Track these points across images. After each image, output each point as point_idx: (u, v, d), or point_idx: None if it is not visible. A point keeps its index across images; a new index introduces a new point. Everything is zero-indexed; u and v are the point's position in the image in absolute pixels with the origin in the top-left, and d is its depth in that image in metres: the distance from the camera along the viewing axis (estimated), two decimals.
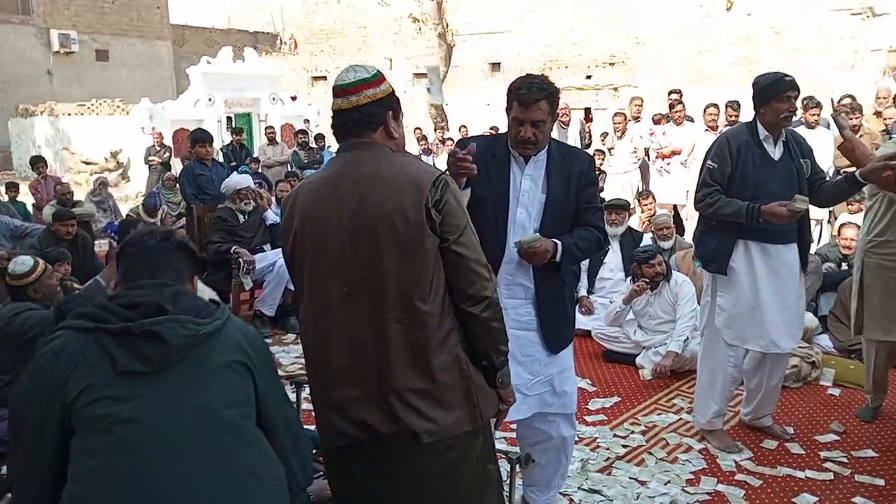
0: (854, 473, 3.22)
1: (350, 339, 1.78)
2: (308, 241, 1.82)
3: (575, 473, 3.21)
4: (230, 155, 10.37)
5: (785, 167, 3.20)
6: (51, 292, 3.48)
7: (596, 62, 16.59)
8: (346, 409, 1.80)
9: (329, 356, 1.81)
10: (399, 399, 1.76)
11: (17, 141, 17.24)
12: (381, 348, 1.76)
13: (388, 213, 1.73)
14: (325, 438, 1.88)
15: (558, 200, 2.49)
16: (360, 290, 1.77)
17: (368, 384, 1.78)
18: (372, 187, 1.76)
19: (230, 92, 14.92)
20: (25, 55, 20.36)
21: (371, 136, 1.83)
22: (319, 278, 1.81)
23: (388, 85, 1.88)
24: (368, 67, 1.88)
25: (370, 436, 1.78)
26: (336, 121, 1.86)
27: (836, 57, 14.14)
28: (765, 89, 3.18)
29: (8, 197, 8.62)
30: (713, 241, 3.30)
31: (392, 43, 19.26)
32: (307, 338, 1.89)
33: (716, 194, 3.21)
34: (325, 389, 1.85)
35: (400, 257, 1.73)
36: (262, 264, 5.39)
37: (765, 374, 3.50)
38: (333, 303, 1.79)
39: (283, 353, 5.01)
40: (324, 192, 1.82)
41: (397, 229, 1.73)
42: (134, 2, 22.97)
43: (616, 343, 4.79)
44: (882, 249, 3.40)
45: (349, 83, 1.82)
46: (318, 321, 1.83)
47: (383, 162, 1.81)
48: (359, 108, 1.81)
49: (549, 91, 2.40)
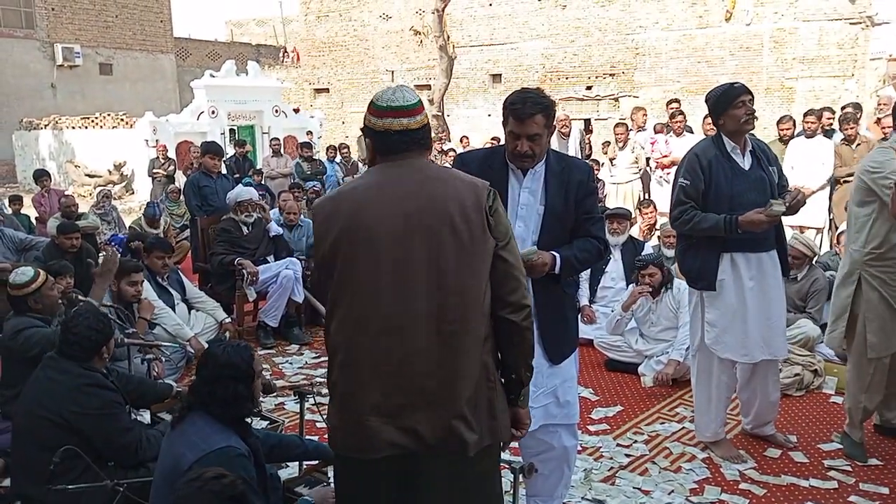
0: (858, 482, 3.22)
1: (402, 343, 1.75)
2: (357, 245, 1.77)
3: (578, 483, 3.21)
4: (234, 167, 10.41)
5: (756, 176, 3.21)
6: (51, 304, 3.50)
7: (596, 73, 16.66)
8: (393, 418, 1.75)
9: (375, 361, 1.76)
10: (452, 407, 1.74)
11: (21, 154, 17.31)
12: (435, 353, 1.74)
13: (452, 213, 1.76)
14: (359, 449, 1.80)
15: (557, 212, 2.50)
16: (416, 293, 1.74)
17: (420, 391, 1.74)
18: (436, 187, 1.79)
19: (233, 104, 15.00)
20: (29, 69, 20.50)
21: (424, 154, 1.88)
22: (368, 280, 1.76)
23: None
24: (409, 89, 1.92)
25: (419, 446, 1.75)
26: (399, 139, 1.83)
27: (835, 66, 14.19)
28: (718, 100, 3.22)
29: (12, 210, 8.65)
30: (697, 259, 3.29)
31: (393, 55, 19.37)
32: (346, 341, 1.81)
33: (691, 211, 3.20)
34: (364, 396, 1.78)
35: (461, 258, 1.75)
36: (266, 275, 5.42)
37: (758, 385, 3.49)
38: (384, 306, 1.75)
39: (287, 364, 5.02)
40: (377, 195, 1.80)
41: (460, 228, 1.75)
42: (137, 15, 23.15)
43: (618, 352, 4.79)
44: (881, 262, 3.23)
45: (412, 104, 1.84)
46: (361, 326, 1.77)
47: (434, 168, 1.87)
48: (424, 126, 1.86)
49: (545, 105, 2.42)
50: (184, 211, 8.16)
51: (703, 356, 3.44)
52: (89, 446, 2.57)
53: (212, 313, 5.17)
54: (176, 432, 2.22)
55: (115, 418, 2.69)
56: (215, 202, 6.11)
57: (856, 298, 3.34)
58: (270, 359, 5.13)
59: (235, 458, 2.11)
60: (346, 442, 1.84)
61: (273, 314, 5.44)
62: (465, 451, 1.75)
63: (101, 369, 2.78)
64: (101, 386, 2.71)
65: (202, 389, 2.22)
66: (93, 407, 2.63)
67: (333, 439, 1.89)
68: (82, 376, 2.67)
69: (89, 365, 2.72)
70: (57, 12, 21.11)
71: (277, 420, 3.24)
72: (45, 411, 2.61)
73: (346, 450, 1.84)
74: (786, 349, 3.47)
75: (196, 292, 5.29)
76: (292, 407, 4.10)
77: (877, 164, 3.19)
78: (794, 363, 4.27)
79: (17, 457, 2.75)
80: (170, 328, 4.51)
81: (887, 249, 3.20)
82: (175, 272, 5.20)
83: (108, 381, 2.78)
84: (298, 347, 5.38)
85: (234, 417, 2.24)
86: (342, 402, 1.83)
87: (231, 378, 2.21)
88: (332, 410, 1.87)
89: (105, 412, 2.66)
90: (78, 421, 2.61)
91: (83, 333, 2.68)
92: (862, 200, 3.28)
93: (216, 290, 5.48)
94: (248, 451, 2.21)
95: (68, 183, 15.41)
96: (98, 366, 2.76)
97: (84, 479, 2.45)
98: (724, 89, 3.23)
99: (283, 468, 3.15)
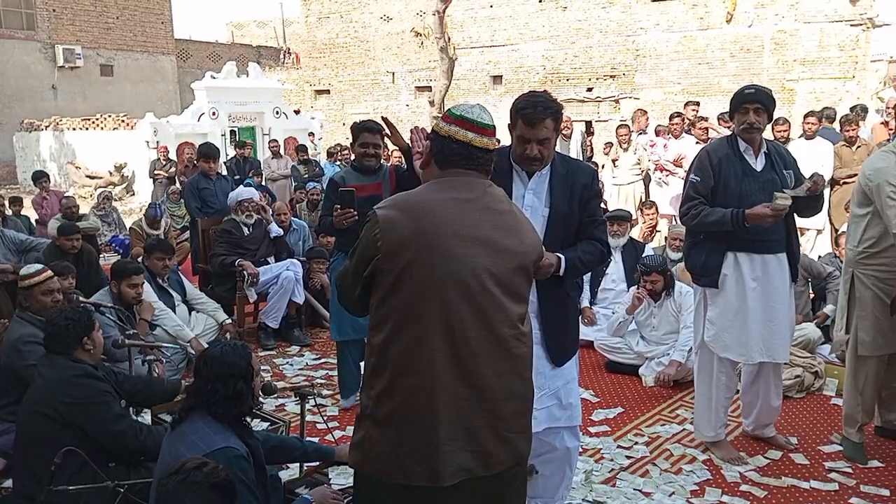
0: (859, 484, 3.22)
1: (483, 365, 1.74)
2: (424, 264, 1.73)
3: (579, 485, 3.21)
4: (234, 168, 10.41)
5: (767, 178, 3.22)
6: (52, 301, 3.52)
7: (597, 74, 16.66)
8: (470, 441, 1.73)
9: (451, 384, 1.72)
10: (521, 422, 1.82)
11: (22, 155, 17.32)
12: (512, 373, 1.79)
13: (517, 243, 1.83)
14: (429, 477, 1.72)
15: (561, 214, 2.51)
16: (493, 315, 1.77)
17: (496, 411, 1.76)
18: (503, 216, 1.85)
19: (234, 106, 15.00)
20: (30, 70, 20.52)
21: (484, 176, 1.89)
22: (438, 303, 1.72)
23: None
24: None
25: (486, 467, 1.75)
26: (477, 154, 1.85)
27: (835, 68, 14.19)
28: (731, 101, 3.27)
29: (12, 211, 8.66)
30: (702, 255, 3.32)
31: (394, 57, 19.37)
32: (415, 362, 1.72)
33: (700, 206, 3.23)
34: (438, 422, 1.71)
35: (518, 284, 1.83)
36: (267, 276, 5.42)
37: (760, 389, 3.50)
38: (463, 329, 1.73)
39: (288, 366, 5.02)
40: (445, 212, 1.78)
41: (521, 258, 1.84)
42: (138, 17, 23.16)
43: (619, 354, 4.79)
44: (874, 261, 3.26)
45: (494, 126, 1.90)
46: (432, 348, 1.72)
47: (501, 196, 1.90)
48: (497, 150, 1.91)
49: (554, 109, 2.43)
50: (185, 212, 8.16)
51: (704, 354, 3.45)
52: (87, 440, 2.59)
53: (212, 314, 5.17)
54: (176, 433, 2.23)
55: (106, 406, 2.72)
56: (215, 204, 6.11)
57: (850, 297, 3.37)
58: (271, 360, 5.13)
59: (234, 459, 2.11)
60: (410, 470, 1.73)
61: (274, 315, 5.44)
62: (521, 464, 1.83)
63: (90, 362, 2.82)
64: (89, 376, 2.75)
65: (203, 390, 2.22)
66: (82, 396, 2.67)
67: (381, 464, 1.77)
68: (70, 368, 2.73)
69: (76, 357, 2.77)
70: (58, 14, 21.12)
71: (279, 421, 3.24)
72: (40, 406, 2.65)
73: (411, 478, 1.73)
74: (787, 354, 3.45)
75: (196, 293, 5.29)
76: (293, 408, 4.10)
77: (873, 171, 3.21)
78: (794, 365, 4.27)
79: (18, 457, 2.78)
80: (170, 329, 4.51)
81: (881, 249, 3.23)
82: (175, 273, 5.19)
83: (98, 373, 2.81)
84: (299, 349, 5.38)
85: (234, 417, 2.25)
86: (404, 427, 1.73)
87: (231, 376, 2.21)
88: (383, 435, 1.76)
89: (95, 401, 2.69)
90: (70, 413, 2.63)
91: (61, 324, 2.75)
92: (861, 202, 3.31)
93: (217, 292, 5.48)
94: (248, 452, 2.21)
95: (69, 184, 15.42)
96: (84, 358, 2.80)
97: (84, 478, 2.45)
98: (738, 92, 3.27)
99: (284, 469, 3.15)
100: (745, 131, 3.20)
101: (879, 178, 3.15)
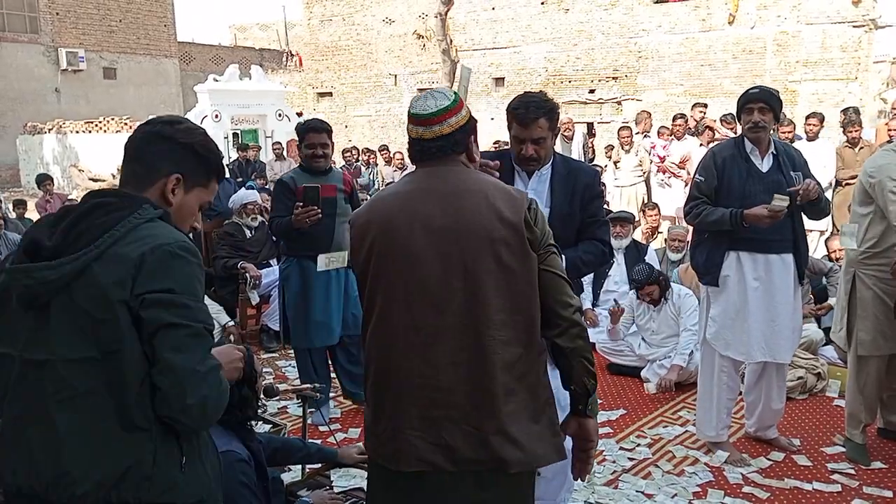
0: (862, 485, 3.21)
1: (439, 354, 1.70)
2: (387, 255, 1.74)
3: (581, 487, 3.20)
4: (236, 171, 10.43)
5: (772, 179, 3.22)
6: None
7: (599, 76, 16.66)
8: (428, 430, 1.71)
9: (409, 371, 1.72)
10: (491, 422, 1.69)
11: (26, 158, 17.39)
12: (476, 365, 1.69)
13: (486, 225, 1.69)
14: (390, 459, 1.76)
15: (562, 214, 2.52)
16: (453, 303, 1.69)
17: (456, 404, 1.70)
18: (465, 199, 1.72)
19: (237, 109, 15.05)
20: (34, 73, 20.60)
21: (455, 160, 1.81)
22: (400, 292, 1.73)
23: (466, 108, 1.84)
24: (447, 93, 1.83)
25: (449, 462, 1.70)
26: (416, 148, 1.81)
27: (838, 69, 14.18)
28: (737, 103, 3.29)
29: (16, 214, 8.69)
30: (704, 253, 3.35)
31: (396, 59, 19.39)
32: (378, 353, 1.78)
33: (702, 205, 3.26)
34: (400, 408, 1.74)
35: (498, 269, 1.69)
36: (269, 279, 5.43)
37: (763, 389, 3.49)
38: (419, 317, 1.71)
39: (290, 368, 5.03)
40: (407, 205, 1.76)
41: (495, 239, 1.69)
42: (141, 20, 23.25)
43: (620, 356, 4.79)
44: (876, 261, 3.25)
45: (431, 113, 1.76)
46: (394, 334, 1.74)
47: (471, 177, 1.79)
48: (442, 137, 1.77)
49: (548, 108, 2.43)
50: None
51: (707, 352, 3.47)
52: None
53: (215, 317, 5.18)
54: None
55: None
56: (217, 206, 6.12)
57: (851, 297, 3.37)
58: (273, 362, 5.14)
59: (236, 463, 2.10)
60: (378, 451, 1.81)
61: (276, 318, 5.44)
62: (504, 469, 1.70)
63: None
64: None
65: None
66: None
67: (367, 444, 1.87)
68: None
69: None
70: (61, 17, 21.21)
71: (280, 424, 3.24)
72: None
73: (377, 458, 1.82)
74: (790, 354, 3.45)
75: None
76: (295, 411, 4.11)
77: (875, 168, 3.22)
78: (797, 366, 4.26)
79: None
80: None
81: (883, 249, 3.23)
82: None
83: None
84: None
85: (237, 421, 2.24)
86: (377, 412, 1.80)
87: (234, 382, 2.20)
88: (369, 416, 1.84)
89: None
90: None
91: None
92: (862, 200, 3.31)
93: (219, 294, 5.49)
94: (249, 455, 2.21)
95: (72, 187, 15.47)
96: None
97: None
98: (744, 92, 3.29)
99: (287, 471, 3.15)
100: (751, 130, 3.21)
101: (881, 174, 3.16)
